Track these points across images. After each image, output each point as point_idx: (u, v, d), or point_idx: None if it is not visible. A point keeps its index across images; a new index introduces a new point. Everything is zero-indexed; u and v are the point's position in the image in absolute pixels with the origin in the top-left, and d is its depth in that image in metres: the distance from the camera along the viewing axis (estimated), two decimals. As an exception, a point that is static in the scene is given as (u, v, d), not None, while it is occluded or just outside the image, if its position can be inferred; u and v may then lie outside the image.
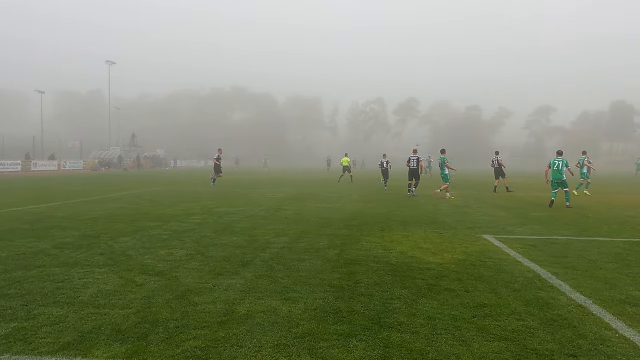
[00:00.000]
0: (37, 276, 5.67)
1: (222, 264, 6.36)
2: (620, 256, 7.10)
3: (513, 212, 12.94)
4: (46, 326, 4.03)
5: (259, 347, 3.64)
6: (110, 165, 57.14)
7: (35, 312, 4.38)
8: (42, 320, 4.17)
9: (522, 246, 7.86)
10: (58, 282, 5.41)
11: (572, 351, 3.61)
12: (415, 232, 9.22)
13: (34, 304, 4.63)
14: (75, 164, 51.68)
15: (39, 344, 3.67)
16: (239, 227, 9.73)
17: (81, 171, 48.98)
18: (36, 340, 3.75)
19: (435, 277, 5.74)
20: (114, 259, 6.63)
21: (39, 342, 3.70)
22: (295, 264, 6.42)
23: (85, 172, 46.54)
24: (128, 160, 60.42)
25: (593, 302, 4.80)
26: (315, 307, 4.58)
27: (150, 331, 3.94)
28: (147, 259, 6.67)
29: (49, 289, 5.12)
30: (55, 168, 47.15)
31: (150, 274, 5.79)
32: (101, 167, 54.59)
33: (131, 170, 55.00)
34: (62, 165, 48.93)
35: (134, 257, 6.76)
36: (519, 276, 5.83)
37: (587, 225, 10.49)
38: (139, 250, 7.29)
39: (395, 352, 3.58)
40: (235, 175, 38.06)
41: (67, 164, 50.06)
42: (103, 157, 58.66)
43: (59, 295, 4.91)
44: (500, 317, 4.33)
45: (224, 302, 4.72)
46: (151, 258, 6.71)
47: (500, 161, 21.30)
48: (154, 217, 11.37)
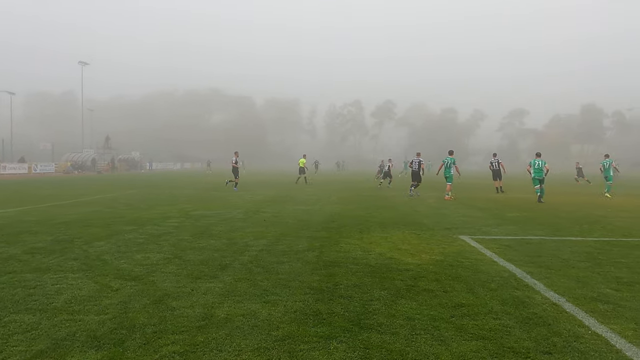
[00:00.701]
0: (8, 282, 5.50)
1: (200, 268, 6.28)
2: (592, 255, 7.30)
3: (489, 213, 13.17)
4: (18, 334, 3.91)
5: (238, 351, 3.61)
6: (83, 168, 55.88)
7: (6, 320, 4.24)
8: (14, 328, 4.04)
9: (498, 246, 8.01)
10: (30, 288, 5.26)
11: (547, 349, 3.69)
12: (394, 234, 9.30)
13: (4, 311, 4.48)
14: (46, 167, 50.34)
15: (10, 353, 3.56)
16: (217, 231, 9.64)
17: (53, 174, 47.75)
18: (7, 348, 3.63)
19: (414, 278, 5.79)
20: (88, 264, 6.48)
21: (10, 351, 3.59)
22: (274, 266, 6.39)
23: (58, 175, 45.39)
24: (102, 163, 59.23)
25: (566, 300, 4.92)
26: (295, 310, 4.57)
27: (127, 337, 3.86)
28: (123, 263, 6.55)
29: (21, 296, 4.97)
30: (25, 171, 45.87)
31: (126, 279, 5.68)
32: (74, 170, 53.31)
33: (105, 173, 53.89)
34: (33, 168, 47.62)
35: (109, 262, 6.62)
36: (495, 276, 5.94)
37: (560, 225, 10.75)
38: (114, 254, 7.15)
39: (375, 353, 3.60)
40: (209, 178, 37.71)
41: (38, 167, 48.73)
42: (76, 160, 57.34)
43: (31, 302, 4.77)
44: (477, 317, 4.40)
45: (202, 306, 4.66)
46: (127, 262, 6.59)
47: (501, 163, 22.28)
48: (129, 220, 11.16)
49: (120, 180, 35.14)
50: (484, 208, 14.67)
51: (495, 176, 22.20)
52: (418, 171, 19.88)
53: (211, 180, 34.54)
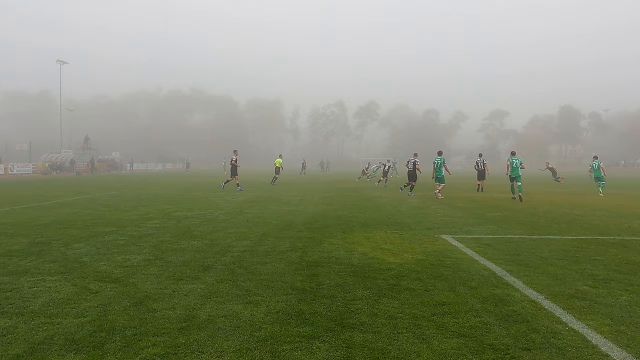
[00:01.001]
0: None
1: (182, 269, 6.23)
2: (569, 253, 7.45)
3: (470, 213, 13.33)
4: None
5: (220, 352, 3.59)
6: (62, 169, 54.80)
7: (-20, 324, 4.14)
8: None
9: (479, 245, 8.11)
10: (6, 291, 5.15)
11: (526, 345, 3.76)
12: (376, 234, 9.35)
13: (-21, 315, 4.38)
14: (23, 168, 49.21)
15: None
16: (199, 231, 9.56)
17: (31, 175, 46.74)
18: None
19: (396, 277, 5.83)
20: (66, 267, 6.36)
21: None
22: (257, 267, 6.37)
23: (35, 176, 44.45)
24: (81, 164, 58.17)
25: (545, 298, 5.01)
26: (278, 310, 4.56)
27: (106, 340, 3.81)
28: (102, 265, 6.45)
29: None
30: (1, 172, 44.79)
31: (106, 281, 5.60)
32: (52, 170, 52.26)
33: (85, 174, 52.95)
34: (10, 169, 46.52)
35: (88, 264, 6.51)
36: (475, 274, 6.02)
37: (539, 224, 10.94)
38: (93, 256, 7.04)
39: (357, 352, 3.61)
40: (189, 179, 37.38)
41: (15, 168, 47.62)
42: (54, 161, 56.19)
43: (7, 305, 4.67)
44: (458, 315, 4.45)
45: (184, 308, 4.62)
46: (107, 264, 6.49)
47: (486, 164, 23.09)
48: (109, 222, 11.00)
49: (100, 181, 34.58)
50: (465, 208, 14.85)
51: (480, 176, 23.00)
52: (414, 171, 20.18)
53: (191, 180, 34.21)
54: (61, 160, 57.14)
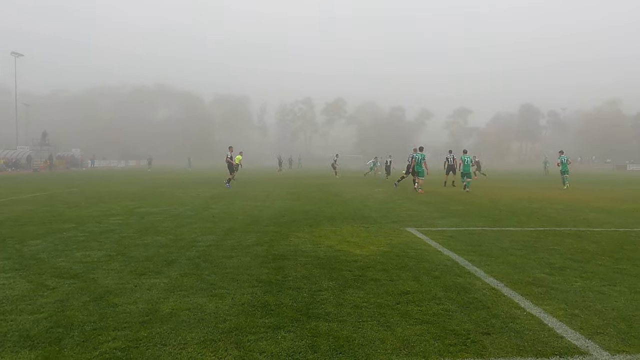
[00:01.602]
0: None
1: (144, 264, 6.09)
2: (528, 243, 7.71)
3: (434, 207, 13.59)
4: (-59, 337, 3.64)
5: (184, 344, 3.53)
6: (18, 165, 52.62)
7: None
8: (-64, 331, 3.75)
9: (442, 237, 8.29)
10: (-45, 289, 4.90)
11: (486, 330, 3.87)
12: (343, 227, 9.40)
13: None
14: (-24, 165, 47.02)
15: None
16: (163, 227, 9.37)
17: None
18: None
19: (362, 269, 5.89)
20: (22, 263, 6.11)
21: None
22: (222, 261, 6.30)
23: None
24: (39, 161, 55.97)
25: (505, 285, 5.17)
26: (243, 302, 4.52)
27: (64, 335, 3.68)
28: (60, 261, 6.23)
29: (-55, 297, 4.62)
30: (-48, 169, 42.62)
31: (64, 277, 5.41)
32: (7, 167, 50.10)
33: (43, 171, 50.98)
34: (-39, 166, 44.34)
35: (45, 260, 6.28)
36: (439, 264, 6.14)
37: (500, 217, 11.26)
38: (51, 253, 6.79)
39: (323, 340, 3.63)
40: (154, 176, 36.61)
41: (-34, 165, 45.44)
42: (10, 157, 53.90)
43: (-43, 303, 4.45)
44: (422, 303, 4.54)
45: (146, 302, 4.52)
46: (66, 261, 6.27)
47: (456, 160, 23.35)
48: (69, 218, 10.63)
49: (59, 178, 33.36)
50: (430, 202, 15.12)
51: (449, 170, 23.68)
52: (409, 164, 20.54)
53: (156, 177, 33.49)
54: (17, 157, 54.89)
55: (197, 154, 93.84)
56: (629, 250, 7.25)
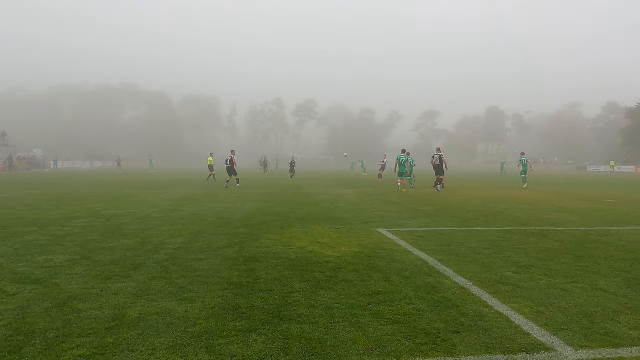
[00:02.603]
0: None
1: (110, 268, 5.92)
2: (495, 243, 7.89)
3: (404, 207, 13.75)
4: None
5: (152, 350, 3.45)
6: (-25, 167, 50.38)
7: None
8: None
9: (412, 237, 8.39)
10: None
11: (456, 328, 3.93)
12: (314, 229, 9.40)
13: None
14: None
15: None
16: (130, 230, 9.14)
17: (-63, 174, 42.54)
18: None
19: (333, 270, 5.89)
20: (-21, 269, 5.84)
21: None
22: (192, 264, 6.19)
23: (-57, 175, 40.50)
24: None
25: (473, 284, 5.27)
26: (214, 306, 4.45)
27: (25, 343, 3.54)
28: (21, 266, 5.98)
29: None
30: None
31: (25, 283, 5.20)
32: (-36, 169, 47.92)
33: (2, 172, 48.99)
34: None
35: (4, 266, 6.02)
36: (409, 264, 6.21)
37: (468, 217, 11.49)
38: (10, 257, 6.51)
39: (295, 342, 3.60)
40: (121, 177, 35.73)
41: None
42: (-34, 158, 51.54)
43: None
44: (393, 303, 4.57)
45: (112, 307, 4.39)
46: (26, 266, 6.03)
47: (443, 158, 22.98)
48: (30, 221, 10.24)
49: (19, 180, 32.12)
50: (400, 203, 15.30)
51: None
52: (440, 165, 21.08)
53: (122, 179, 32.69)
54: (-26, 158, 52.49)
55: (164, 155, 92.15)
56: (590, 248, 7.51)
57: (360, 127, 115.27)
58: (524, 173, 24.95)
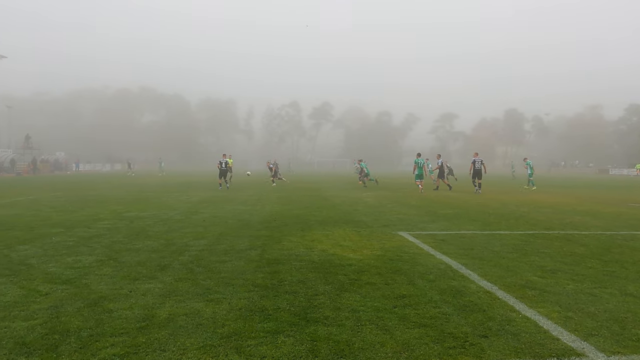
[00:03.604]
0: None
1: (137, 269, 6.03)
2: (519, 247, 7.81)
3: (423, 211, 13.69)
4: None
5: (183, 350, 3.51)
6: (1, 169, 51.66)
7: None
8: None
9: (434, 241, 8.35)
10: None
11: (484, 332, 3.91)
12: (335, 232, 9.42)
13: None
14: (-44, 169, 46.03)
15: None
16: (154, 232, 9.28)
17: (-36, 176, 43.75)
18: None
19: (357, 272, 5.91)
20: (11, 269, 6.01)
21: None
22: (216, 265, 6.26)
23: (-30, 177, 41.64)
24: (22, 164, 55.00)
25: (499, 288, 5.23)
26: (240, 307, 4.51)
27: (60, 342, 3.63)
28: (51, 267, 6.14)
29: None
30: None
31: (56, 283, 5.33)
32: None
33: (26, 174, 50.14)
34: (-59, 169, 43.36)
35: (35, 266, 6.18)
36: (432, 268, 6.19)
37: (489, 221, 11.39)
38: (41, 258, 6.68)
39: (322, 344, 3.63)
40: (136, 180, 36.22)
41: (-54, 169, 44.44)
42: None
43: (-53, 310, 4.36)
44: (418, 306, 4.57)
45: (142, 308, 4.48)
46: (56, 266, 6.18)
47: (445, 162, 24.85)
48: (56, 223, 10.47)
49: (43, 182, 32.83)
50: (419, 206, 15.23)
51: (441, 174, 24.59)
52: (480, 169, 22.35)
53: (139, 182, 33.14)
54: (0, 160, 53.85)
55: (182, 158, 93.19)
56: (616, 253, 7.39)
57: (377, 129, 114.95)
58: (531, 176, 26.36)
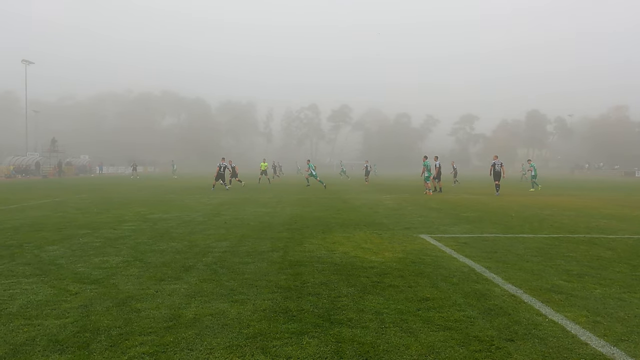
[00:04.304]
0: (-46, 289, 5.17)
1: (163, 270, 6.14)
2: (543, 250, 7.69)
3: (445, 213, 13.57)
4: (-29, 341, 3.70)
5: (210, 350, 3.57)
6: (27, 172, 53.06)
7: (-44, 327, 3.99)
8: (-34, 335, 3.81)
9: (456, 244, 8.29)
10: None
11: (510, 336, 3.87)
12: (356, 234, 9.42)
13: (-47, 318, 4.22)
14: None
15: (-35, 360, 3.36)
16: (177, 233, 9.43)
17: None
18: (-39, 356, 3.43)
19: (379, 275, 5.91)
20: (42, 269, 6.18)
21: (-35, 358, 3.39)
22: (239, 267, 6.34)
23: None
24: (48, 167, 56.40)
25: (524, 292, 5.17)
26: (265, 308, 4.55)
27: (91, 340, 3.73)
28: (79, 267, 6.29)
29: (-30, 302, 4.69)
30: (-38, 175, 43.02)
31: (85, 283, 5.47)
32: (17, 174, 50.54)
33: (52, 177, 51.39)
34: (-29, 172, 44.76)
35: (64, 266, 6.34)
36: (456, 271, 6.15)
37: (512, 224, 11.23)
38: (69, 258, 6.86)
39: (347, 346, 3.65)
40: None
41: (-24, 171, 45.84)
42: (19, 164, 54.35)
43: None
44: (442, 309, 4.55)
45: (168, 307, 4.56)
46: (84, 266, 6.34)
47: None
48: (82, 224, 10.72)
49: (68, 184, 33.61)
50: (439, 209, 15.11)
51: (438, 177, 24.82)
52: (499, 172, 22.83)
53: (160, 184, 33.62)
54: (26, 163, 55.36)
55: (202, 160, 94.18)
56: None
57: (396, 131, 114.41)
58: (534, 177, 27.56)
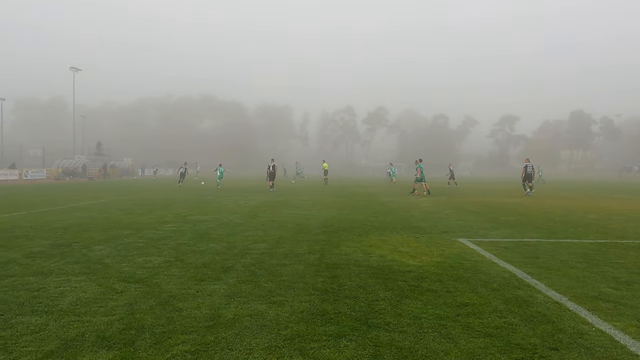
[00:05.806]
0: (10, 286, 5.46)
1: (203, 270, 6.29)
2: (589, 256, 7.41)
3: (483, 217, 13.28)
4: (26, 335, 3.90)
5: (249, 350, 3.63)
6: (75, 174, 55.39)
7: (13, 322, 4.23)
8: (21, 329, 4.03)
9: (496, 248, 8.09)
10: (33, 291, 5.24)
11: (554, 345, 3.76)
12: (392, 237, 9.35)
13: (10, 313, 4.47)
14: (37, 174, 49.76)
15: (21, 353, 3.55)
16: (216, 234, 9.63)
17: (44, 180, 47.27)
18: (17, 349, 3.62)
19: (417, 279, 5.85)
20: (90, 267, 6.45)
21: (21, 351, 3.58)
22: (277, 268, 6.41)
23: (49, 182, 44.96)
24: (93, 169, 58.73)
25: (568, 299, 5.00)
26: (302, 310, 4.59)
27: (136, 337, 3.87)
28: (124, 266, 6.53)
29: (25, 298, 4.95)
30: (16, 177, 45.34)
31: (130, 282, 5.67)
32: (65, 176, 52.86)
33: (97, 179, 53.47)
34: (24, 174, 47.09)
35: (110, 265, 6.60)
36: (496, 276, 6.01)
37: (555, 228, 10.87)
38: (115, 258, 7.13)
39: (385, 350, 3.63)
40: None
41: (29, 174, 48.16)
42: (67, 166, 56.81)
43: (36, 304, 4.75)
44: (482, 315, 4.46)
45: (209, 307, 4.67)
46: (129, 266, 6.57)
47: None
48: (126, 225, 11.11)
49: (112, 186, 34.90)
50: (478, 212, 14.79)
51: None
52: (531, 174, 24.36)
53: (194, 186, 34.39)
54: (74, 166, 57.75)
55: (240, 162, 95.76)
56: (701, 265, 6.83)
57: (433, 133, 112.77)
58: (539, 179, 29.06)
